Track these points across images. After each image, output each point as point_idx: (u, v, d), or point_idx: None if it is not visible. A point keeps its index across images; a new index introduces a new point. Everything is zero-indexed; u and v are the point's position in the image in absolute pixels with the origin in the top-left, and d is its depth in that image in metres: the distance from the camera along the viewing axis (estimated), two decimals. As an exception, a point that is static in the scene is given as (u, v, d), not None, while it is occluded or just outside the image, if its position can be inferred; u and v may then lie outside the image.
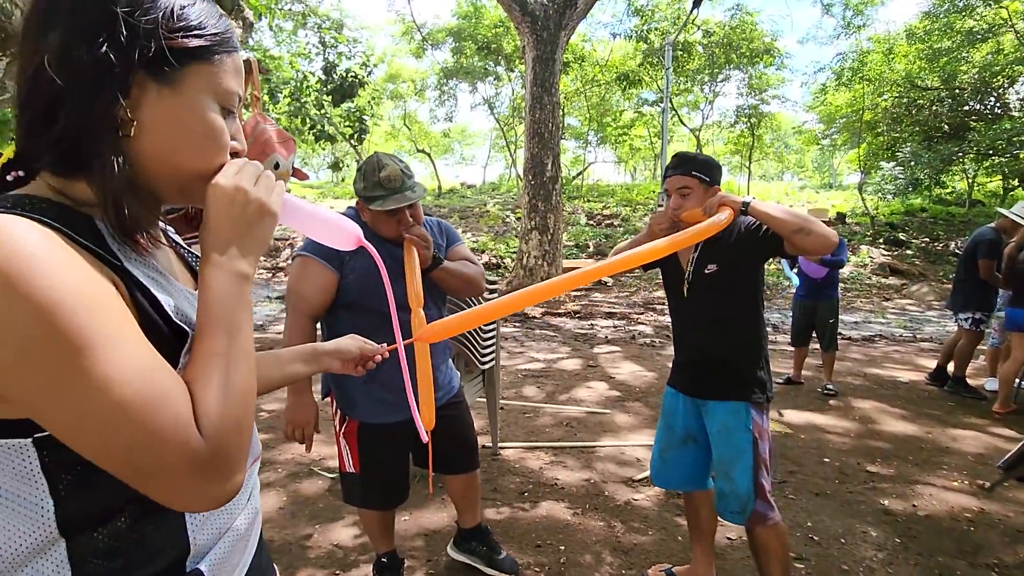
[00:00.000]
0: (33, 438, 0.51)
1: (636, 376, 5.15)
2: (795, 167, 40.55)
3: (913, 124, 15.41)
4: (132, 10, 0.54)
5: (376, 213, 1.71)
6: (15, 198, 0.53)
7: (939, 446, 3.55)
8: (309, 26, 14.58)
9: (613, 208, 17.27)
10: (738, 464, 1.80)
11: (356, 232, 0.75)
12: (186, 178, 0.60)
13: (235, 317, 0.57)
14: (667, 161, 1.98)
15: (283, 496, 2.79)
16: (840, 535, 2.49)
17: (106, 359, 0.47)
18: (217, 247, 0.58)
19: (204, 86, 0.58)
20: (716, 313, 1.87)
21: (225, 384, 0.54)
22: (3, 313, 0.44)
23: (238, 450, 0.54)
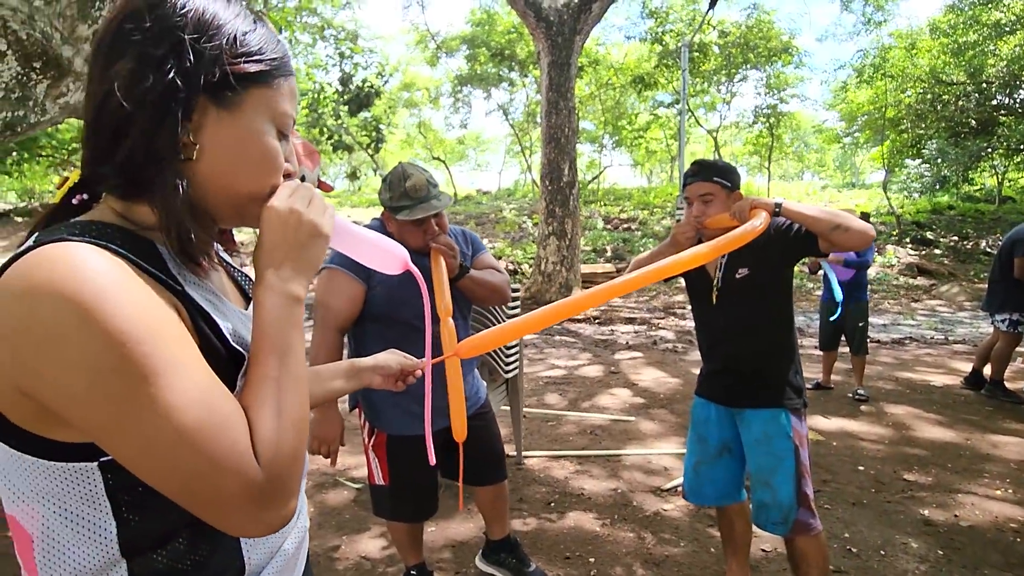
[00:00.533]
0: (99, 462, 0.52)
1: (660, 382, 5.08)
2: (816, 166, 39.89)
3: (939, 120, 15.05)
4: (198, 36, 0.54)
5: (403, 223, 1.71)
6: (83, 225, 0.53)
7: (979, 453, 3.42)
8: (326, 38, 14.82)
9: (630, 212, 17.16)
10: (779, 472, 1.75)
11: (403, 256, 0.75)
12: (243, 200, 0.60)
13: (288, 340, 0.57)
14: (684, 163, 1.96)
15: (310, 507, 2.80)
16: (879, 546, 2.41)
17: (170, 387, 0.47)
18: (271, 269, 0.58)
19: (262, 109, 0.59)
20: (749, 319, 1.82)
21: (280, 410, 0.54)
22: (76, 343, 0.45)
23: (293, 477, 0.54)
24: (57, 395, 0.46)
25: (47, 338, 0.45)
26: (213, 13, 0.56)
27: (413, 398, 1.74)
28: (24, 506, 0.53)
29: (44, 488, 0.52)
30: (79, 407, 0.46)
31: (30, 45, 1.50)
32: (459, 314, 1.82)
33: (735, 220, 1.70)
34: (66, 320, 0.45)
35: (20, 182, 20.21)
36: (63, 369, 0.45)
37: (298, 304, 0.59)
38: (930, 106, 15.07)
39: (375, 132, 14.58)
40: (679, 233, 1.85)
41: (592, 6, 9.49)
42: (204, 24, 0.55)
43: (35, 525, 0.53)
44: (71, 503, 0.52)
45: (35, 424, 0.50)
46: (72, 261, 0.46)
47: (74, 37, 1.67)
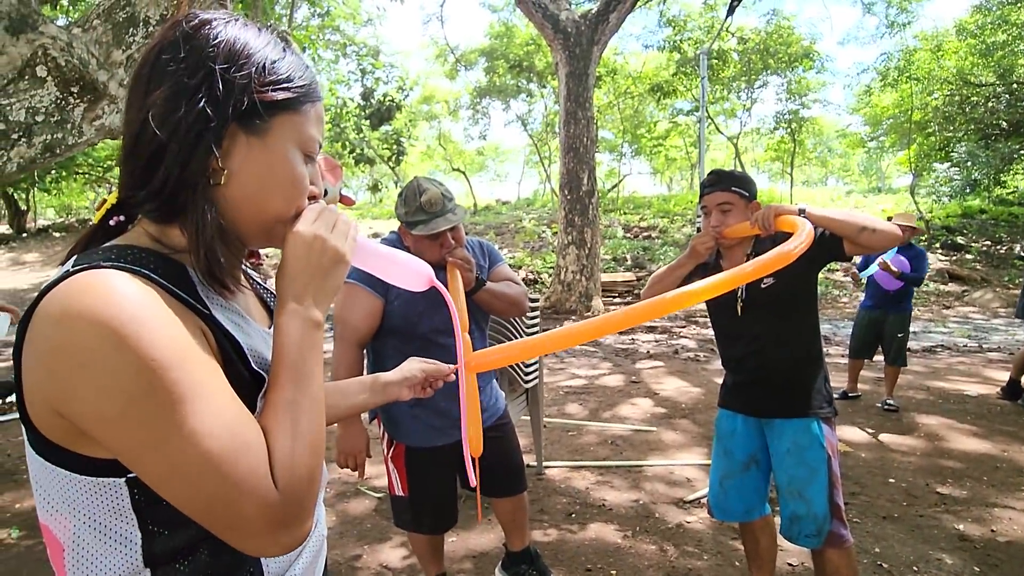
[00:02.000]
0: (126, 478, 0.54)
1: (682, 392, 5.02)
2: (840, 171, 39.17)
3: (968, 122, 14.67)
4: (228, 67, 0.57)
5: (419, 237, 1.73)
6: (119, 250, 0.56)
7: (1017, 466, 3.30)
8: (348, 54, 15.14)
9: (650, 220, 17.06)
10: (813, 483, 1.71)
11: (428, 273, 0.76)
12: (270, 222, 0.62)
13: (308, 365, 0.59)
14: (704, 171, 1.95)
15: (332, 516, 2.82)
16: (912, 562, 2.33)
17: (197, 412, 0.49)
18: (293, 294, 0.60)
19: (290, 135, 0.60)
20: (776, 328, 1.79)
21: (298, 433, 0.55)
22: (110, 368, 0.47)
23: (309, 499, 0.55)
24: (89, 417, 0.48)
25: (82, 363, 0.47)
26: (244, 43, 0.58)
27: (432, 410, 1.76)
28: (56, 516, 0.56)
29: (75, 500, 0.54)
30: (110, 429, 0.48)
31: (68, 71, 1.59)
32: (476, 327, 1.84)
33: (756, 229, 1.68)
34: (101, 346, 0.46)
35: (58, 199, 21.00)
36: (96, 393, 0.47)
37: (318, 329, 0.61)
38: (958, 108, 14.71)
39: (396, 145, 14.80)
40: (698, 243, 1.84)
41: (609, 17, 9.53)
42: (235, 54, 0.57)
43: (66, 534, 0.56)
44: (99, 515, 0.54)
45: (68, 440, 0.52)
46: (107, 289, 0.49)
47: (109, 62, 1.76)
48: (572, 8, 10.03)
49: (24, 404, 0.52)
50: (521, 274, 12.16)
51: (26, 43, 1.56)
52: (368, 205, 28.24)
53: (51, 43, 1.57)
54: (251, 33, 0.60)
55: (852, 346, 4.57)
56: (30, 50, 1.55)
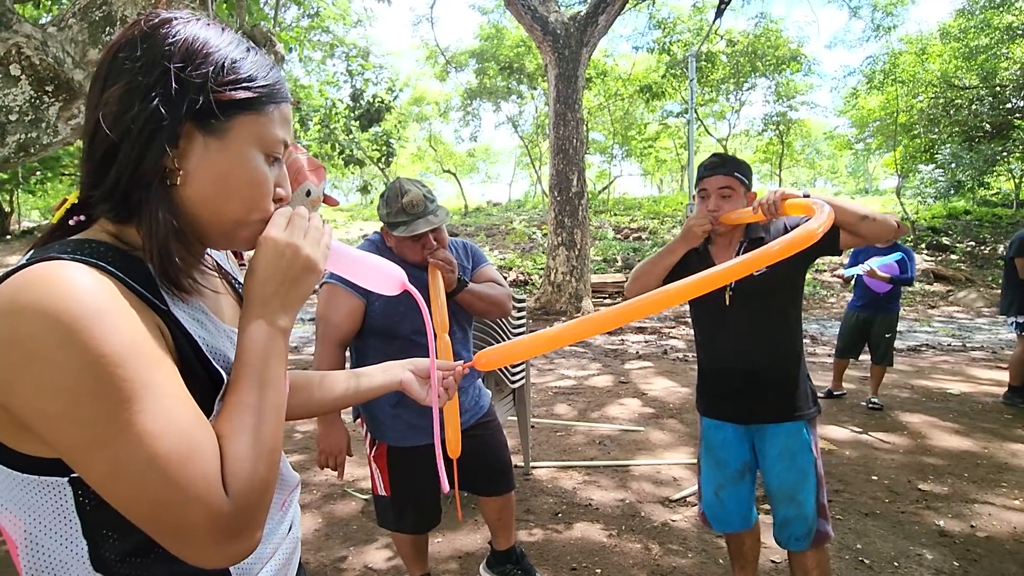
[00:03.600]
0: (69, 477, 0.53)
1: (670, 392, 5.04)
2: (828, 173, 39.55)
3: (952, 125, 14.89)
4: (184, 65, 0.56)
5: (401, 239, 1.73)
6: (76, 243, 0.55)
7: (997, 462, 3.35)
8: (337, 55, 15.08)
9: (640, 221, 17.14)
10: (804, 487, 1.71)
11: (400, 277, 0.76)
12: (230, 225, 0.61)
13: (270, 371, 0.57)
14: (694, 172, 1.92)
15: (317, 518, 2.81)
16: (893, 558, 2.36)
17: (146, 412, 0.48)
18: (261, 299, 0.59)
19: (250, 136, 0.59)
20: (764, 321, 1.75)
21: (255, 441, 0.54)
22: (54, 363, 0.45)
23: (261, 509, 0.54)
24: (31, 413, 0.47)
25: (26, 356, 0.45)
26: (203, 41, 0.57)
27: (413, 410, 1.76)
28: (6, 514, 0.55)
29: (20, 499, 0.53)
30: (53, 426, 0.47)
31: (43, 70, 1.57)
32: (459, 328, 1.83)
33: (759, 215, 1.61)
34: (47, 340, 0.45)
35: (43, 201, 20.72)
36: (39, 388, 0.45)
37: (283, 336, 0.60)
38: (943, 111, 14.93)
39: (386, 147, 14.77)
40: (695, 225, 1.75)
41: (598, 19, 9.57)
42: (192, 52, 0.56)
43: (18, 533, 0.55)
44: (45, 515, 0.53)
45: (10, 437, 0.51)
46: (59, 280, 0.47)
47: (85, 61, 1.74)
48: (561, 10, 10.06)
49: None
50: (511, 275, 12.16)
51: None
52: (358, 207, 28.16)
53: (25, 41, 1.55)
54: (212, 32, 0.59)
55: (839, 345, 4.56)
56: (3, 48, 1.54)
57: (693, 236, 1.77)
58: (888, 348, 4.28)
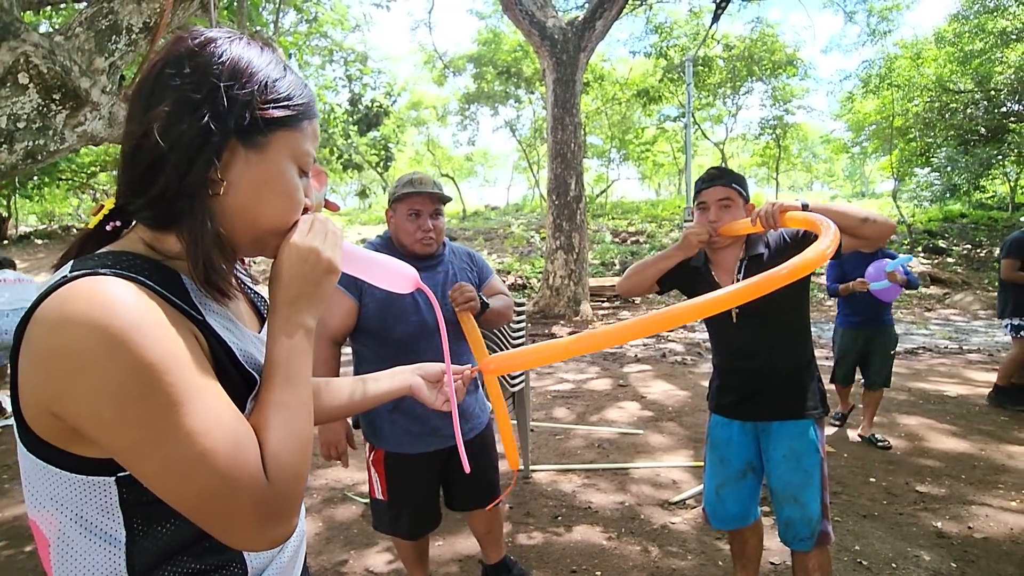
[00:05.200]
0: (116, 477, 0.56)
1: (668, 395, 5.06)
2: (825, 176, 39.70)
3: (947, 128, 14.97)
4: (232, 83, 0.59)
5: (399, 219, 1.79)
6: (115, 256, 0.58)
7: (994, 464, 3.37)
8: (335, 60, 15.13)
9: (638, 225, 17.17)
10: (809, 488, 1.73)
11: (413, 276, 0.79)
12: (263, 233, 0.65)
13: (299, 369, 0.62)
14: (691, 176, 1.95)
15: (318, 522, 2.82)
16: (891, 560, 2.38)
17: (192, 412, 0.52)
18: (287, 302, 0.63)
19: (286, 150, 0.64)
20: (772, 333, 1.78)
21: (289, 433, 0.58)
22: (106, 371, 0.49)
23: (297, 495, 0.58)
24: (86, 419, 0.50)
25: (79, 366, 0.49)
26: (248, 61, 0.61)
27: (409, 416, 1.78)
28: (43, 511, 0.58)
29: (62, 496, 0.56)
30: (106, 430, 0.50)
31: (51, 78, 1.59)
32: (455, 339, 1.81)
33: (758, 227, 1.63)
34: (97, 350, 0.48)
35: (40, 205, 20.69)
36: (92, 395, 0.49)
37: (308, 335, 0.64)
38: (938, 115, 15.01)
39: (384, 151, 14.81)
40: (693, 235, 1.78)
41: (596, 24, 9.62)
42: (239, 72, 0.60)
43: (52, 530, 0.58)
44: (87, 512, 0.56)
45: (61, 440, 0.54)
46: (103, 295, 0.50)
47: (91, 69, 1.76)
48: (559, 15, 10.12)
49: (19, 405, 0.54)
50: (509, 279, 12.19)
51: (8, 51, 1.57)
52: (356, 211, 28.17)
53: (33, 50, 1.57)
54: (254, 52, 0.63)
55: (839, 372, 3.92)
56: (12, 57, 1.56)
57: (689, 245, 1.80)
58: (891, 367, 3.79)
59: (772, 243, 1.81)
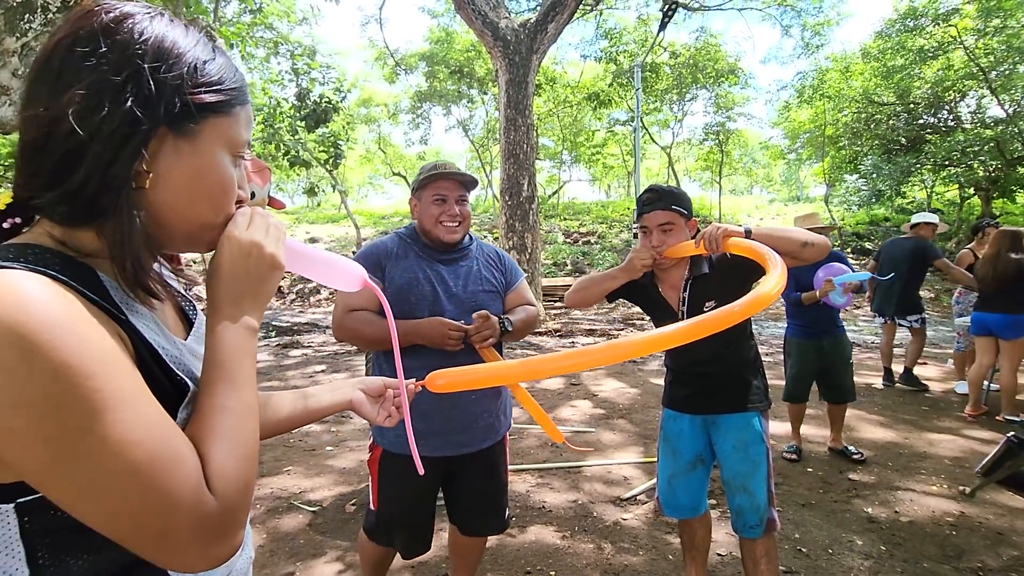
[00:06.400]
0: (15, 503, 0.49)
1: (620, 393, 5.15)
2: (764, 181, 41.62)
3: (873, 138, 16.01)
4: (159, 65, 0.54)
5: (424, 204, 1.71)
6: (18, 249, 0.51)
7: (917, 451, 3.61)
8: (281, 53, 14.59)
9: (589, 226, 17.46)
10: (756, 476, 1.81)
11: (360, 273, 0.76)
12: (195, 228, 0.60)
13: (243, 371, 0.57)
14: (640, 178, 1.98)
15: (262, 533, 2.69)
16: (827, 546, 2.50)
17: (120, 421, 0.46)
18: (230, 300, 0.59)
19: (219, 138, 0.59)
20: (719, 341, 1.80)
21: (234, 440, 0.54)
22: (19, 377, 0.43)
23: (244, 508, 0.54)
24: None
25: None
26: (173, 41, 0.55)
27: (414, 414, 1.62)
28: None
29: None
30: (18, 446, 0.44)
31: (-47, 58, 1.43)
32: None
33: (701, 249, 1.68)
34: (7, 354, 0.42)
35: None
36: (4, 405, 0.43)
37: (253, 335, 0.60)
38: (864, 125, 16.03)
39: (333, 148, 14.37)
40: (637, 259, 1.81)
41: (548, 26, 9.71)
42: (164, 52, 0.54)
43: None
44: None
45: None
46: (12, 290, 0.44)
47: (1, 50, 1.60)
48: (511, 16, 10.14)
49: None
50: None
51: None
52: (304, 209, 27.28)
53: (-68, 27, 1.41)
54: (179, 31, 0.57)
55: (794, 388, 3.55)
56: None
57: (633, 269, 1.84)
58: (852, 377, 3.53)
59: (715, 261, 1.86)
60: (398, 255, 1.71)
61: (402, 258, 1.71)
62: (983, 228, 4.99)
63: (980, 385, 4.22)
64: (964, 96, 14.87)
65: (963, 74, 13.76)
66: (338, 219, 22.44)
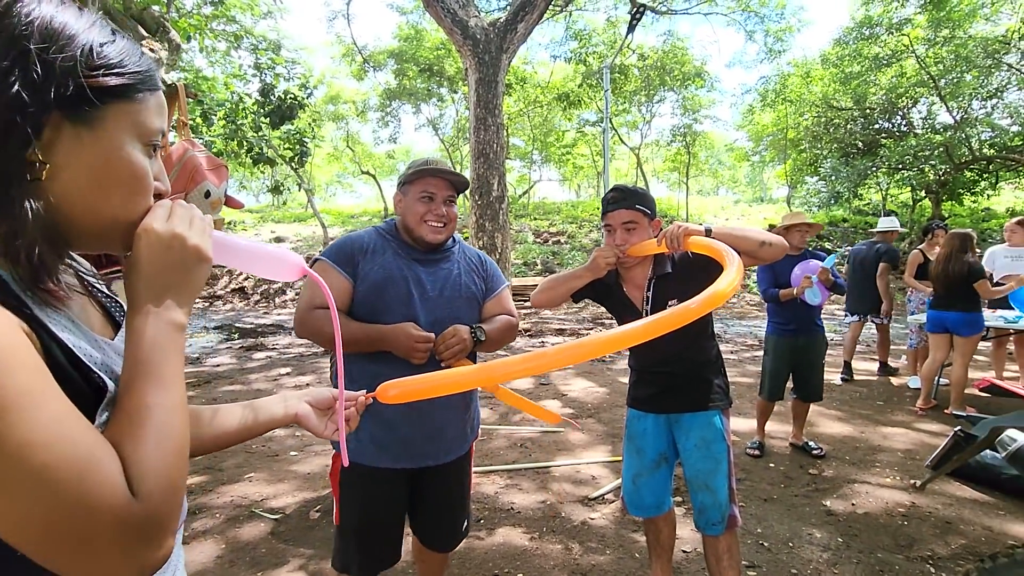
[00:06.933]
0: None
1: (588, 392, 5.19)
2: (729, 182, 42.67)
3: (832, 141, 16.58)
4: (47, 47, 0.50)
5: (409, 201, 1.63)
6: None
7: (872, 445, 3.74)
8: (244, 47, 14.20)
9: (559, 225, 17.56)
10: (718, 474, 1.84)
11: (298, 262, 0.72)
12: (106, 223, 0.56)
13: (169, 368, 0.54)
14: (609, 179, 1.98)
15: (221, 544, 2.60)
16: (788, 539, 2.56)
17: (28, 420, 0.42)
18: (151, 296, 0.55)
19: (125, 126, 0.55)
20: (681, 341, 1.80)
21: (160, 440, 0.51)
22: None
23: (173, 512, 0.50)
24: None
25: None
26: (63, 23, 0.52)
27: (376, 420, 1.55)
28: None
29: None
30: None
31: None
32: None
33: (663, 247, 1.70)
34: None
35: None
36: None
37: (179, 332, 0.57)
38: (824, 129, 16.59)
39: (299, 145, 14.05)
40: (601, 258, 1.83)
41: (518, 26, 9.71)
42: (53, 33, 0.51)
43: None
44: None
45: None
46: None
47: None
48: (481, 15, 10.11)
49: None
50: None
51: None
52: (269, 208, 26.64)
53: None
54: (70, 14, 0.53)
55: (769, 385, 3.58)
56: None
57: (598, 268, 1.85)
58: (822, 378, 3.61)
59: (678, 260, 1.89)
60: (375, 251, 1.62)
61: (379, 254, 1.61)
62: (933, 230, 5.21)
63: (932, 380, 4.41)
64: (916, 103, 15.54)
65: (915, 81, 14.37)
66: (305, 218, 21.99)
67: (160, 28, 3.27)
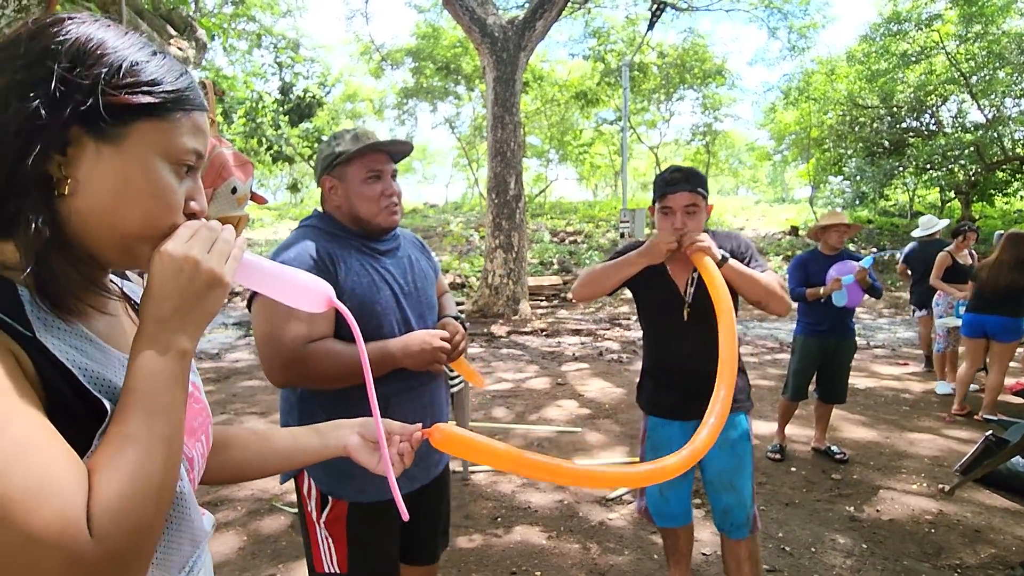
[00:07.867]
0: None
1: (605, 393, 5.15)
2: (750, 182, 42.08)
3: (857, 140, 16.25)
4: (71, 66, 0.51)
5: (354, 184, 1.39)
6: None
7: (898, 450, 3.66)
8: (264, 46, 14.39)
9: (576, 225, 17.48)
10: (742, 473, 1.82)
11: (326, 292, 0.69)
12: (130, 240, 0.56)
13: (160, 398, 0.51)
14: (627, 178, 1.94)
15: (243, 536, 2.64)
16: (810, 544, 2.52)
17: None
18: (156, 319, 0.54)
19: (152, 144, 0.55)
20: (713, 333, 1.75)
21: (132, 475, 0.47)
22: None
23: (139, 555, 0.47)
24: None
25: None
26: (99, 42, 0.53)
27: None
28: None
29: None
30: None
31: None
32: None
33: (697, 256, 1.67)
34: None
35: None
36: None
37: (182, 359, 0.54)
38: (849, 127, 16.27)
39: (317, 143, 14.22)
40: (662, 242, 1.70)
41: (536, 24, 9.68)
42: (82, 53, 0.52)
43: None
44: None
45: None
46: None
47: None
48: (499, 13, 10.10)
49: None
50: (449, 278, 12.06)
51: None
52: (287, 205, 26.97)
53: None
54: (110, 33, 0.54)
55: (795, 383, 3.53)
56: None
57: (658, 253, 1.74)
58: (847, 381, 3.58)
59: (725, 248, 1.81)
60: (339, 257, 1.35)
61: (347, 258, 1.36)
62: (964, 232, 5.06)
63: (967, 385, 4.29)
64: (946, 100, 15.16)
65: (945, 79, 14.02)
66: (323, 215, 22.16)
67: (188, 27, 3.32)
